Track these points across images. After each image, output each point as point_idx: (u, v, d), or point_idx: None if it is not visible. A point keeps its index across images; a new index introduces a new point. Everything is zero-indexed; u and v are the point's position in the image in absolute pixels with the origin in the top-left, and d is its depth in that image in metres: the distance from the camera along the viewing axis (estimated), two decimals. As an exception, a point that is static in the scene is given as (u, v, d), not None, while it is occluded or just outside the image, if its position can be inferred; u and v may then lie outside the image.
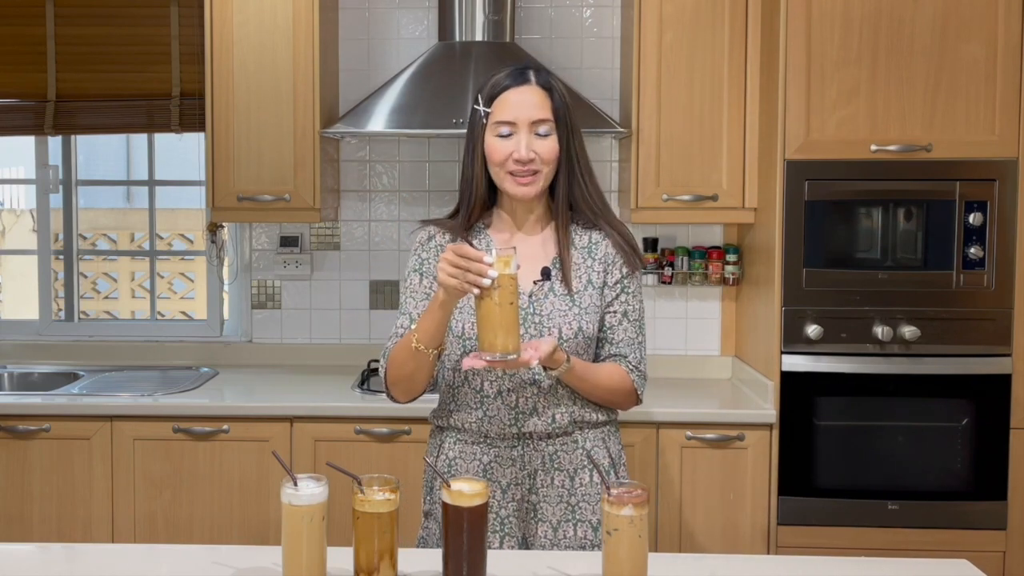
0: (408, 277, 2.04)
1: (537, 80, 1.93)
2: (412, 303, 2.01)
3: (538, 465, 1.96)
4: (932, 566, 1.84)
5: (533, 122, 1.90)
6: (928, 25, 2.88)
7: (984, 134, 2.89)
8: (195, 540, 3.00)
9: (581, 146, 1.97)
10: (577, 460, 1.97)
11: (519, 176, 1.91)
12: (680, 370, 3.47)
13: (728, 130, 3.15)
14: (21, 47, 3.58)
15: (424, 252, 2.03)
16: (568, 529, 1.96)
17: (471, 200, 1.98)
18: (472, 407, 1.97)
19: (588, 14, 3.52)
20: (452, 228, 2.01)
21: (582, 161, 1.97)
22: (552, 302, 1.95)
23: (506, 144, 1.91)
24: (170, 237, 6.89)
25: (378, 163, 3.58)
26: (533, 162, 1.90)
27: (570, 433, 1.97)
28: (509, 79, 1.93)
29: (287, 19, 3.20)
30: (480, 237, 2.02)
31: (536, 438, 1.95)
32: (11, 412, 3.04)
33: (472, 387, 1.97)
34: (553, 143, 1.92)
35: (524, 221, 2.01)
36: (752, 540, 2.98)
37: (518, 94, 1.92)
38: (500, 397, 1.94)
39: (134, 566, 1.81)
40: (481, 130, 1.94)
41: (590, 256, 2.00)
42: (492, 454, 1.96)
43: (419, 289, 2.01)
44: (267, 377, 3.42)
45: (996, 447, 2.93)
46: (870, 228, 2.98)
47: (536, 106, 1.91)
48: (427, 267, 2.01)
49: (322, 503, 1.61)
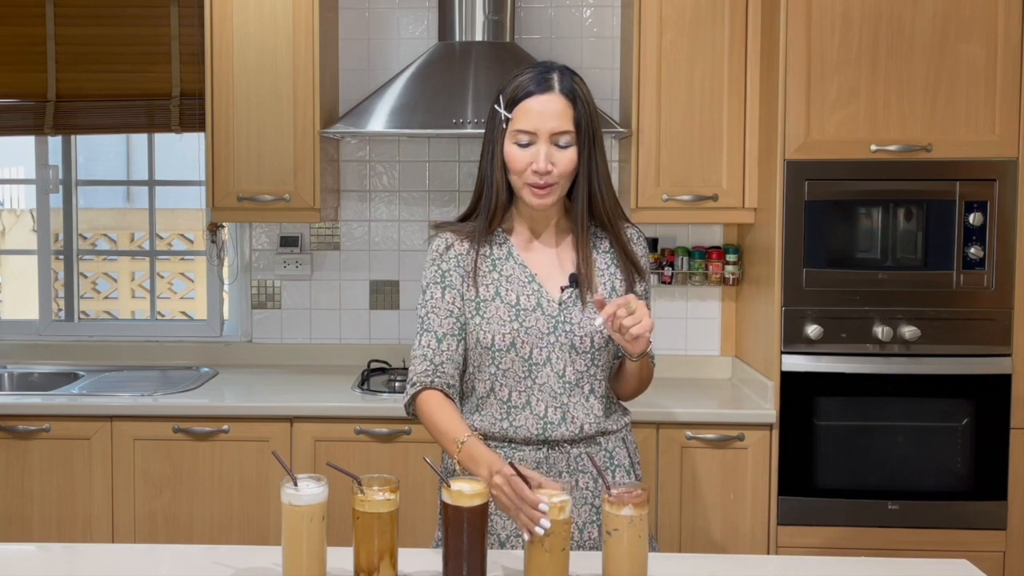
0: (428, 289, 1.97)
1: (561, 87, 1.87)
2: (436, 320, 1.94)
3: (563, 467, 1.94)
4: (932, 566, 1.84)
5: (554, 133, 1.86)
6: (928, 25, 2.88)
7: (984, 134, 2.89)
8: (195, 540, 3.00)
9: (602, 154, 1.93)
10: (601, 463, 1.96)
11: (536, 187, 1.88)
12: (680, 370, 3.47)
13: (728, 130, 3.15)
14: (21, 47, 3.58)
15: (444, 263, 1.96)
16: (593, 531, 1.96)
17: (492, 206, 1.94)
18: (498, 417, 1.95)
19: (588, 14, 3.52)
20: (470, 234, 1.97)
21: (601, 169, 1.92)
22: (582, 310, 1.93)
23: (525, 154, 1.87)
24: (170, 237, 6.89)
25: (378, 163, 3.58)
26: (551, 174, 1.87)
27: (595, 438, 1.97)
28: (533, 84, 1.88)
29: (287, 19, 3.20)
30: (499, 240, 1.98)
31: (562, 443, 1.94)
32: (11, 412, 3.04)
33: (499, 398, 1.94)
34: (572, 155, 1.88)
35: (543, 227, 1.98)
36: (752, 540, 2.98)
37: (540, 103, 1.86)
38: (528, 407, 1.93)
39: (134, 566, 1.81)
40: (501, 134, 1.91)
41: (613, 263, 1.99)
42: (516, 457, 1.93)
43: (441, 305, 1.94)
44: (267, 377, 3.42)
45: (996, 447, 2.93)
46: (870, 228, 2.98)
47: (557, 116, 1.86)
48: (449, 279, 1.95)
49: (322, 503, 1.61)
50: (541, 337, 1.91)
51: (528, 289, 1.94)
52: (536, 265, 1.96)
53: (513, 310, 1.92)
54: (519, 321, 1.92)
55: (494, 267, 1.96)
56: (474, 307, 1.94)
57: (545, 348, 1.92)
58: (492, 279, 1.95)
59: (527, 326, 1.91)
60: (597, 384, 1.96)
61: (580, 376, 1.93)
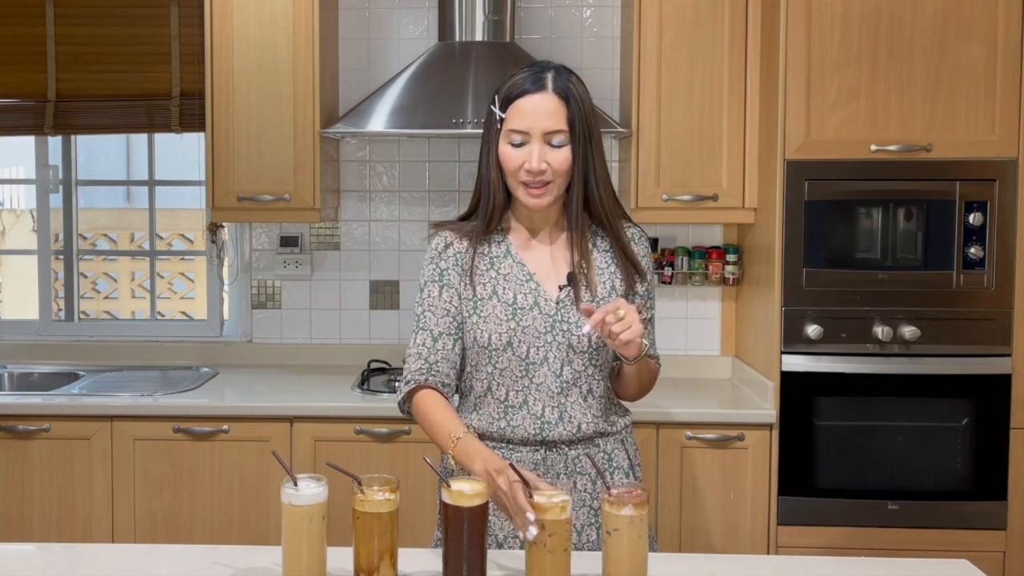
0: (426, 287, 1.97)
1: (554, 86, 1.87)
2: (433, 318, 1.95)
3: (560, 469, 1.94)
4: (932, 566, 1.84)
5: (546, 132, 1.86)
6: (928, 25, 2.88)
7: (984, 134, 2.89)
8: (195, 540, 3.00)
9: (599, 153, 1.91)
10: (600, 464, 1.95)
11: (531, 187, 1.88)
12: (680, 370, 3.46)
13: (728, 130, 3.15)
14: (21, 47, 3.58)
15: (443, 262, 1.97)
16: (591, 533, 1.95)
17: (489, 207, 1.94)
18: (495, 417, 1.94)
19: (588, 14, 3.52)
20: (469, 233, 1.97)
21: (598, 169, 1.91)
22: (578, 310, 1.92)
23: (518, 153, 1.87)
24: (170, 237, 6.89)
25: (378, 163, 3.58)
26: (544, 173, 1.86)
27: (593, 439, 1.97)
28: (526, 83, 1.88)
29: (287, 19, 3.20)
30: (497, 238, 1.98)
31: (560, 444, 1.94)
32: (11, 412, 3.04)
33: (496, 397, 1.94)
34: (566, 154, 1.87)
35: (541, 226, 1.98)
36: (752, 540, 2.98)
37: (533, 102, 1.86)
38: (526, 407, 1.93)
39: (134, 566, 1.81)
40: (496, 134, 1.91)
41: (613, 263, 1.98)
42: (513, 457, 1.92)
43: (438, 303, 1.95)
44: (267, 377, 3.42)
45: (996, 447, 2.93)
46: (870, 228, 2.98)
47: (550, 115, 1.86)
48: (447, 278, 1.95)
49: (322, 503, 1.61)
50: (538, 336, 1.91)
51: (526, 288, 1.93)
52: (534, 264, 1.96)
53: (510, 309, 1.92)
54: (516, 320, 1.91)
55: (492, 265, 1.96)
56: (471, 306, 1.94)
57: (542, 347, 1.91)
58: (490, 278, 1.95)
59: (524, 325, 1.91)
60: (595, 384, 1.95)
61: (577, 376, 1.93)
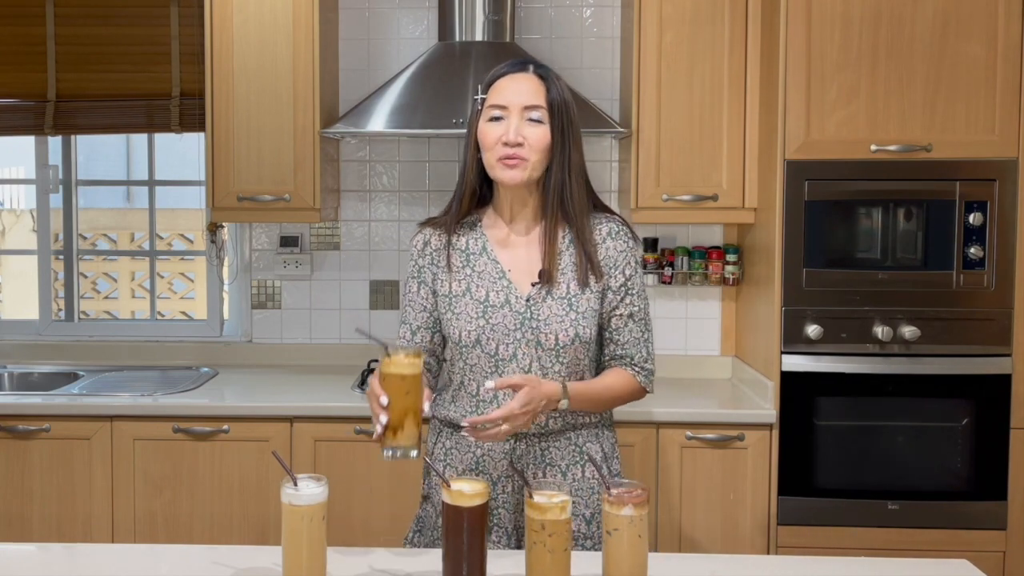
0: (408, 284, 2.05)
1: (535, 70, 1.95)
2: (412, 313, 2.03)
3: (531, 460, 1.96)
4: (932, 566, 1.85)
5: (525, 107, 1.89)
6: (928, 25, 2.88)
7: (984, 134, 2.89)
8: (195, 540, 3.00)
9: (576, 144, 1.94)
10: (570, 456, 1.98)
11: (507, 160, 1.89)
12: (680, 370, 3.47)
13: (728, 130, 3.15)
14: (21, 47, 3.58)
15: (421, 259, 2.03)
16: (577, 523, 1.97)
17: (462, 188, 1.98)
18: (468, 410, 1.97)
19: (588, 14, 3.52)
20: (444, 224, 2.01)
21: (574, 161, 1.93)
22: (550, 306, 1.93)
23: (496, 128, 1.90)
24: (170, 237, 6.89)
25: (378, 163, 3.58)
26: (522, 147, 1.88)
27: (563, 432, 1.98)
28: (508, 66, 1.95)
29: (287, 19, 3.20)
30: (475, 235, 2.00)
31: (529, 436, 1.96)
32: (11, 412, 3.04)
33: (468, 391, 1.98)
34: (544, 131, 1.90)
35: (518, 216, 1.98)
36: (752, 540, 2.98)
37: (513, 81, 1.93)
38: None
39: (134, 566, 1.81)
40: (476, 117, 1.95)
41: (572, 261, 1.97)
42: (485, 447, 1.96)
43: (417, 300, 2.03)
44: (267, 377, 3.42)
45: (996, 447, 2.93)
46: (870, 228, 2.98)
47: (530, 92, 1.91)
48: (424, 275, 2.02)
49: (322, 503, 1.61)
50: (507, 333, 1.93)
51: (498, 286, 1.95)
52: (509, 262, 1.98)
53: (481, 307, 1.95)
54: (485, 318, 1.94)
55: (468, 262, 1.99)
56: (447, 302, 1.98)
57: (511, 344, 1.93)
58: (465, 275, 1.98)
59: (493, 323, 1.93)
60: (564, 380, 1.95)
61: (545, 372, 1.94)
